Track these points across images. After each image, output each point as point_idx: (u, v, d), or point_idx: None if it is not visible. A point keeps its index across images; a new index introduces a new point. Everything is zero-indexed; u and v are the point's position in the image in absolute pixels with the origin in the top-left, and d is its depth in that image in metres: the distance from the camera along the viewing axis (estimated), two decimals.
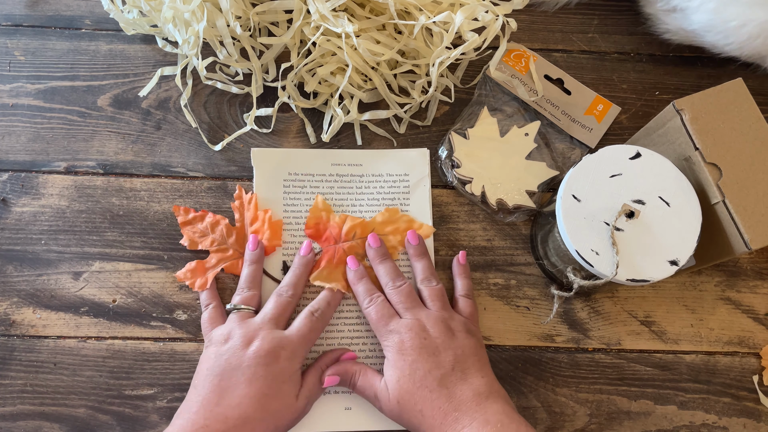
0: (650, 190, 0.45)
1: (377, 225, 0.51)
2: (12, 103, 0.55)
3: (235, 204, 0.52)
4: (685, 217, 0.45)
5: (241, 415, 0.41)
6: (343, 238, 0.51)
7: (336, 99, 0.53)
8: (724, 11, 0.50)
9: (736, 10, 0.49)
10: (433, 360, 0.43)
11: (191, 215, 0.51)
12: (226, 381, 0.42)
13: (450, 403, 0.42)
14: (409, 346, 0.44)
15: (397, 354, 0.44)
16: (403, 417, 0.43)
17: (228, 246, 0.50)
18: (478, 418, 0.41)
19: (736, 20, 0.50)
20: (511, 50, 0.57)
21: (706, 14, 0.51)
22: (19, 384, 0.48)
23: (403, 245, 0.51)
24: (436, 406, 0.42)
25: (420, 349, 0.44)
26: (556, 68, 0.58)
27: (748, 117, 0.46)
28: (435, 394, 0.42)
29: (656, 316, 0.52)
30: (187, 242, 0.50)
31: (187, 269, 0.50)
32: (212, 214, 0.51)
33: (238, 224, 0.51)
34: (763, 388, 0.51)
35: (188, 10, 0.50)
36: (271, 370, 0.43)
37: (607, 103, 0.57)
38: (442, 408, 0.42)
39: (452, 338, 0.45)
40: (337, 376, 0.46)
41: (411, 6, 0.51)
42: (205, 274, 0.49)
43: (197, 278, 0.49)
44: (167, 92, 0.56)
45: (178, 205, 0.52)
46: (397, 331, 0.45)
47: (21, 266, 0.50)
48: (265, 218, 0.51)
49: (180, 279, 0.49)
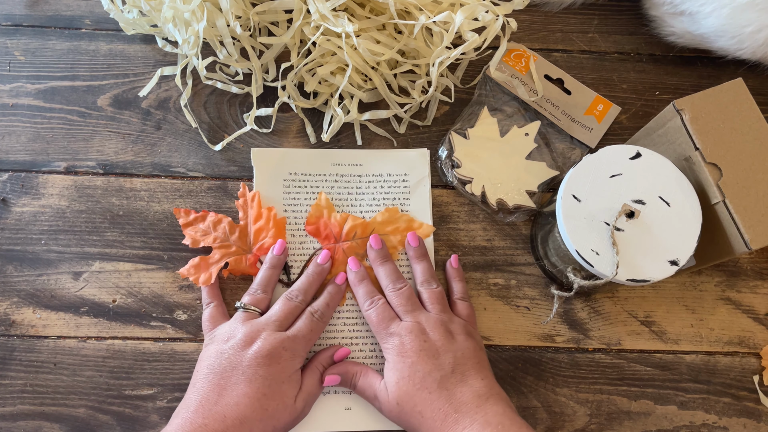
0: (650, 190, 0.45)
1: (377, 225, 0.51)
2: (12, 103, 0.55)
3: (239, 202, 0.52)
4: (686, 217, 0.45)
5: (239, 415, 0.41)
6: (343, 238, 0.51)
7: (336, 99, 0.53)
8: (739, 16, 0.50)
9: (751, 16, 0.49)
10: (432, 362, 0.43)
11: (192, 216, 0.51)
12: (226, 380, 0.42)
13: (450, 404, 0.42)
14: (409, 349, 0.44)
15: (397, 356, 0.44)
16: (403, 418, 0.43)
17: (231, 243, 0.50)
18: (479, 419, 0.41)
19: (752, 25, 0.50)
20: (511, 50, 0.57)
21: (719, 19, 0.51)
22: (19, 384, 0.48)
23: (403, 245, 0.51)
24: (436, 407, 0.42)
25: (420, 352, 0.44)
26: (556, 68, 0.58)
27: (748, 117, 0.46)
28: (435, 396, 0.42)
29: (656, 316, 0.52)
30: (190, 241, 0.50)
31: (191, 265, 0.49)
32: (214, 213, 0.51)
33: (242, 222, 0.51)
34: (763, 388, 0.51)
35: (188, 10, 0.50)
36: (271, 371, 0.43)
37: (607, 103, 0.57)
38: (442, 409, 0.42)
39: (452, 341, 0.45)
40: (338, 376, 0.46)
41: (411, 6, 0.51)
42: (208, 269, 0.49)
43: (201, 273, 0.49)
44: (167, 92, 0.56)
45: (178, 208, 0.51)
46: (398, 334, 0.45)
47: (21, 266, 0.50)
48: (270, 216, 0.51)
49: (183, 275, 0.49)
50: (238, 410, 0.41)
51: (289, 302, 0.47)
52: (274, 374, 0.43)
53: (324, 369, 0.47)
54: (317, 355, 0.48)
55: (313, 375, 0.46)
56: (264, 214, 0.51)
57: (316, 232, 0.51)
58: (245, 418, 0.41)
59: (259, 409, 0.41)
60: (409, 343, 0.44)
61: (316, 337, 0.46)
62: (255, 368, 0.42)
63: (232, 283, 0.51)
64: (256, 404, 0.41)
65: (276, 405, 0.42)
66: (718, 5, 0.51)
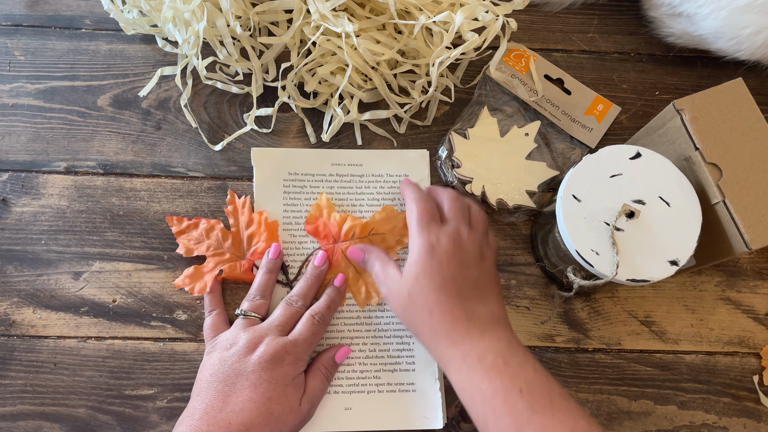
0: (650, 190, 0.45)
1: (376, 224, 0.51)
2: (12, 103, 0.55)
3: (229, 209, 0.51)
4: (685, 217, 0.45)
5: (245, 421, 0.41)
6: (342, 238, 0.51)
7: (336, 99, 0.53)
8: (738, 18, 0.50)
9: (750, 17, 0.49)
10: (460, 270, 0.43)
11: (185, 224, 0.51)
12: (230, 386, 0.42)
13: (464, 312, 0.42)
14: (443, 251, 0.43)
15: (426, 252, 0.43)
16: (408, 311, 0.43)
17: (224, 250, 0.50)
18: (491, 334, 0.41)
19: (751, 27, 0.50)
20: (511, 50, 0.57)
21: (717, 21, 0.51)
22: (19, 384, 0.48)
23: (400, 244, 0.51)
24: (448, 310, 0.42)
25: (452, 256, 0.43)
26: (556, 68, 0.58)
27: (748, 117, 0.46)
28: (451, 300, 0.42)
29: (656, 316, 0.52)
30: (183, 250, 0.50)
31: (185, 275, 0.49)
32: (206, 220, 0.51)
33: (233, 229, 0.51)
34: (763, 388, 0.51)
35: (188, 10, 0.50)
36: (275, 375, 0.43)
37: (608, 103, 0.57)
38: (455, 315, 0.42)
39: (482, 261, 0.45)
40: (362, 252, 0.48)
41: (411, 6, 0.51)
42: (203, 278, 0.49)
43: (196, 283, 0.49)
44: (167, 92, 0.56)
45: (170, 216, 0.51)
46: (435, 233, 0.45)
47: (21, 266, 0.50)
48: (261, 220, 0.51)
49: (178, 286, 0.49)
50: (243, 416, 0.41)
51: (289, 307, 0.47)
52: (278, 378, 0.43)
53: (327, 370, 0.47)
54: (319, 357, 0.47)
55: (317, 377, 0.46)
56: (255, 218, 0.51)
57: (315, 232, 0.51)
58: (251, 424, 0.41)
59: (264, 414, 0.41)
60: (445, 244, 0.44)
61: (317, 339, 0.46)
62: (259, 373, 0.42)
63: (232, 284, 0.51)
64: (262, 409, 0.41)
65: (281, 409, 0.42)
66: (716, 7, 0.51)
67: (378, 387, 0.48)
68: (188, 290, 0.49)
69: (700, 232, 0.44)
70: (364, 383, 0.48)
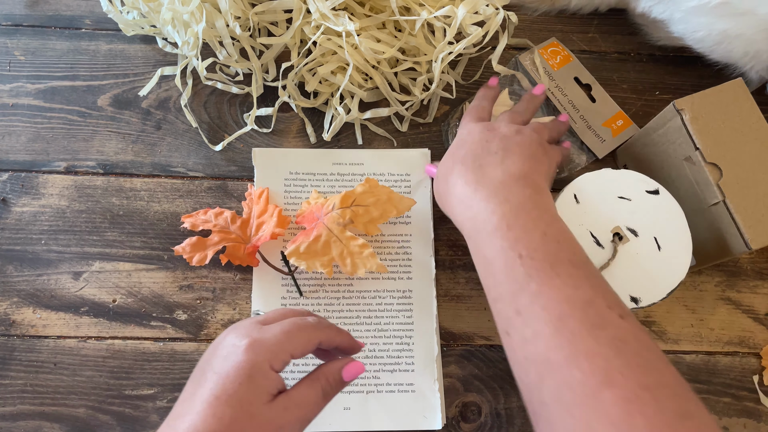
0: (649, 228, 0.45)
1: (358, 196, 0.50)
2: (12, 103, 0.55)
3: (246, 202, 0.52)
4: (669, 267, 0.45)
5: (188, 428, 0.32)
6: (324, 213, 0.49)
7: (337, 98, 0.53)
8: (691, 21, 0.51)
9: (700, 21, 0.50)
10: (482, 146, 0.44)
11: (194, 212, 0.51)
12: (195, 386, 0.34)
13: (475, 176, 0.42)
14: (473, 139, 0.45)
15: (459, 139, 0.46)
16: (438, 190, 0.46)
17: (231, 231, 0.50)
18: (499, 196, 0.39)
19: (702, 30, 0.51)
20: (549, 45, 0.57)
21: (681, 24, 0.52)
22: (19, 384, 0.48)
23: (384, 218, 0.49)
24: (461, 175, 0.42)
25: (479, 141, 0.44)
26: (589, 74, 0.57)
27: (748, 117, 0.46)
28: (466, 168, 0.43)
29: (656, 316, 0.52)
30: (189, 224, 0.50)
31: (187, 243, 0.48)
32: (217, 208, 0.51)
33: (245, 216, 0.51)
34: (763, 388, 0.51)
35: (187, 12, 0.50)
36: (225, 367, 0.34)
37: (628, 120, 0.56)
38: (467, 179, 0.42)
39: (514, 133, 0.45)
40: (434, 168, 0.51)
41: (411, 2, 0.51)
42: (205, 250, 0.49)
43: (196, 253, 0.48)
44: (167, 92, 0.56)
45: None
46: (471, 128, 0.46)
47: (21, 266, 0.50)
48: (275, 212, 0.50)
49: (177, 252, 0.48)
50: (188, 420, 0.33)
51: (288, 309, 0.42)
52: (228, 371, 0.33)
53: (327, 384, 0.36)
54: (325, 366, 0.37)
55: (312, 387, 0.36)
56: (270, 209, 0.51)
57: (302, 220, 0.50)
58: None
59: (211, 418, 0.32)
60: (477, 133, 0.45)
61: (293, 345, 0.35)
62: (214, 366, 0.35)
63: (232, 284, 0.51)
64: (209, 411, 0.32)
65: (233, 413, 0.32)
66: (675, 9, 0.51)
67: (377, 387, 0.48)
68: (186, 258, 0.48)
69: (674, 287, 0.44)
70: (364, 383, 0.48)
